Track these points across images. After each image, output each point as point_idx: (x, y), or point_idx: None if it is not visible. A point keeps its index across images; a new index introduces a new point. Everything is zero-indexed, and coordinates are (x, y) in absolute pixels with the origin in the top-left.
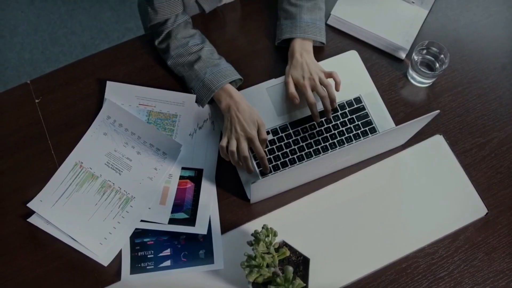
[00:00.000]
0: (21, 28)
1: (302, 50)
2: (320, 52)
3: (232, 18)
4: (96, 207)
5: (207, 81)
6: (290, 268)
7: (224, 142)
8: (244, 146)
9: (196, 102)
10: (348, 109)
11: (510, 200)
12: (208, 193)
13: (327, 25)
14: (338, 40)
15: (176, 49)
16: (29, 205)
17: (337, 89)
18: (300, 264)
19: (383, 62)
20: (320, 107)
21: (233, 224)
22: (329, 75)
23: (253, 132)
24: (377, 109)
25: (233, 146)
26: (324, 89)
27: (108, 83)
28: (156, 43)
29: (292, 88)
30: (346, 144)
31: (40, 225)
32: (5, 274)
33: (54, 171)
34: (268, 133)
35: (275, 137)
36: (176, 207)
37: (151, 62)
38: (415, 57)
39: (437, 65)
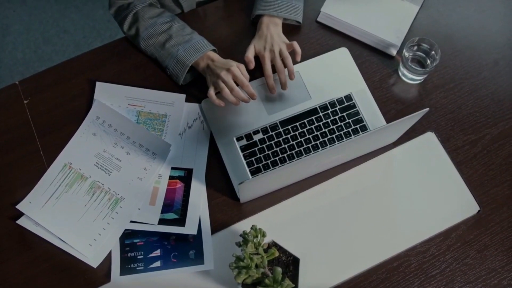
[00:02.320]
0: (13, 27)
1: (270, 22)
2: (310, 50)
3: (217, 18)
4: (86, 208)
5: (180, 57)
6: (279, 269)
7: (211, 90)
8: (229, 79)
9: (180, 83)
10: (338, 107)
11: (502, 197)
12: (198, 193)
13: (317, 22)
14: (328, 37)
15: (146, 30)
16: (18, 206)
17: (296, 59)
18: (290, 264)
19: (374, 59)
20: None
21: (224, 224)
22: (290, 46)
23: (232, 63)
24: (368, 106)
25: (223, 86)
26: (281, 63)
27: (98, 84)
28: (125, 30)
29: (249, 54)
30: (336, 142)
31: (29, 227)
32: None
33: (43, 172)
34: (258, 131)
35: (265, 136)
36: (166, 208)
37: (140, 61)
38: (406, 53)
39: (428, 61)
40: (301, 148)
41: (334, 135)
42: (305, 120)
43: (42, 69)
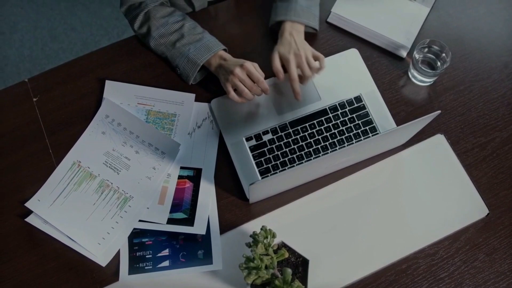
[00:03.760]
0: (20, 24)
1: (293, 29)
2: (320, 51)
3: (228, 17)
4: (94, 206)
5: (191, 56)
6: (289, 270)
7: (231, 90)
8: (245, 76)
9: (186, 81)
10: (348, 108)
11: (511, 200)
12: (207, 193)
13: (327, 23)
14: (338, 38)
15: (157, 30)
16: (27, 204)
17: (317, 73)
18: (299, 265)
19: (384, 61)
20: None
21: (232, 224)
22: (317, 57)
23: (245, 60)
24: (377, 108)
25: (240, 84)
26: (309, 69)
27: (107, 82)
28: (136, 28)
29: (277, 63)
30: (346, 143)
31: (38, 224)
32: (2, 274)
33: (52, 170)
34: (267, 132)
35: (274, 136)
36: (175, 207)
37: (150, 60)
38: (416, 55)
39: (439, 63)
40: (311, 149)
41: (343, 136)
42: (315, 121)
43: (49, 67)
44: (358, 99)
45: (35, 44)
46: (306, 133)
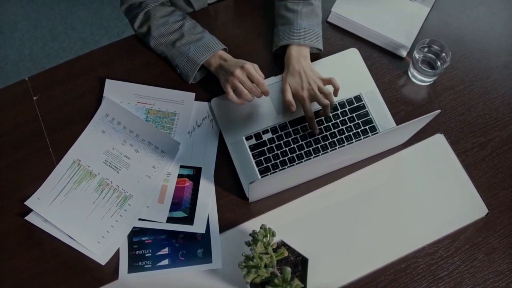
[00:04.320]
0: (20, 23)
1: (299, 55)
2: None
3: (227, 17)
4: (94, 205)
5: (191, 55)
6: (288, 269)
7: (231, 91)
8: (245, 78)
9: (185, 80)
10: (348, 107)
11: (511, 200)
12: (207, 192)
13: (327, 23)
14: (338, 37)
15: (157, 29)
16: (27, 203)
17: (335, 95)
18: (298, 264)
19: (384, 60)
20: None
21: (232, 223)
22: (328, 81)
23: (245, 61)
24: (377, 107)
25: (241, 87)
26: (324, 97)
27: (107, 81)
28: (136, 28)
29: (289, 96)
30: (345, 142)
31: (37, 223)
32: (2, 273)
33: (52, 168)
34: (267, 131)
35: (274, 136)
36: (174, 206)
37: (150, 59)
38: (416, 55)
39: (439, 63)
40: (310, 148)
41: (343, 136)
42: (315, 120)
43: (49, 66)
44: (358, 98)
45: (35, 43)
46: (306, 132)
